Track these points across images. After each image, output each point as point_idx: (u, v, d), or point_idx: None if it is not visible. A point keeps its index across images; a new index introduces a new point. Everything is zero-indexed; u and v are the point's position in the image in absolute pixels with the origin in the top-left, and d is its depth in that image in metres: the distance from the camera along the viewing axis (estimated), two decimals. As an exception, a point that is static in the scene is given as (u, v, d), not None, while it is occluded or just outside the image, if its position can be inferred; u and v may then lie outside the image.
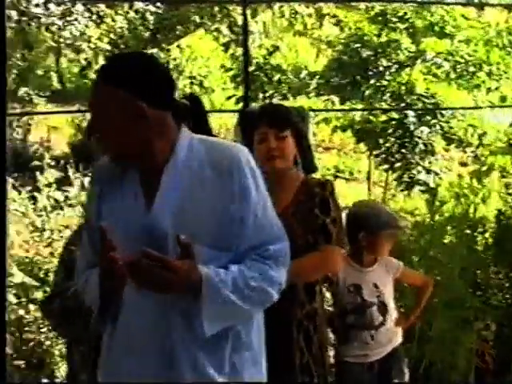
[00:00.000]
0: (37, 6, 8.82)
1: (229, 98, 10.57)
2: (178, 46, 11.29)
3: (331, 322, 3.99)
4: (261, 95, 10.53)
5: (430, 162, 9.98)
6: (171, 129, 2.53)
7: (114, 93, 2.41)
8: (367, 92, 9.78)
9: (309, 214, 3.35)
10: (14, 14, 8.97)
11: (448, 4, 11.42)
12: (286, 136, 3.42)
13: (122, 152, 2.51)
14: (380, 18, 9.92)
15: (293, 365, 3.45)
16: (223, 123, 12.27)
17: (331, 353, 4.09)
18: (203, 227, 2.43)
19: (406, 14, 10.92)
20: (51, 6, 8.89)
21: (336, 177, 12.65)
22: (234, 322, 2.51)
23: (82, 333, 3.02)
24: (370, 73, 9.90)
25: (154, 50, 10.98)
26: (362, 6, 9.66)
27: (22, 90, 12.92)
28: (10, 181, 6.69)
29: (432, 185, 9.44)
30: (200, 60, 13.19)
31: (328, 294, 4.16)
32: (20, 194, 6.69)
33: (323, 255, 3.34)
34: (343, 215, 3.67)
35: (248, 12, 6.05)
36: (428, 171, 9.75)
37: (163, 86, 2.54)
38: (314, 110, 8.58)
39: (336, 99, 9.80)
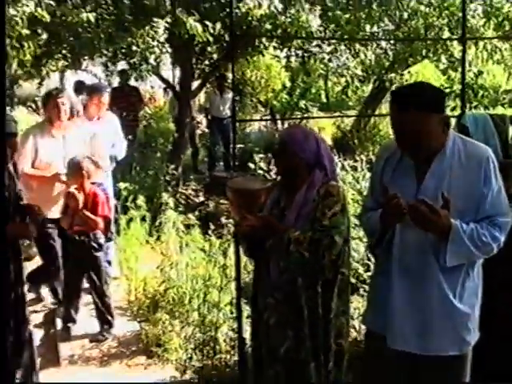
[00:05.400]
0: (316, 46, 8.99)
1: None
2: (409, 72, 11.07)
3: None
4: (468, 105, 10.18)
5: None
6: (446, 131, 2.66)
7: (425, 116, 2.54)
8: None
9: None
10: (299, 52, 9.20)
11: None
12: None
13: (418, 155, 2.67)
14: None
15: None
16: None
17: None
18: (457, 198, 2.57)
19: None
20: (324, 46, 9.02)
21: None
22: (466, 261, 2.65)
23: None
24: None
25: (392, 75, 10.86)
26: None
27: (301, 103, 13.22)
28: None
29: None
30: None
31: None
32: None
33: None
34: None
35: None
36: None
37: (442, 100, 2.68)
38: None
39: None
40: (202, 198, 9.42)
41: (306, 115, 12.85)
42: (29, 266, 6.48)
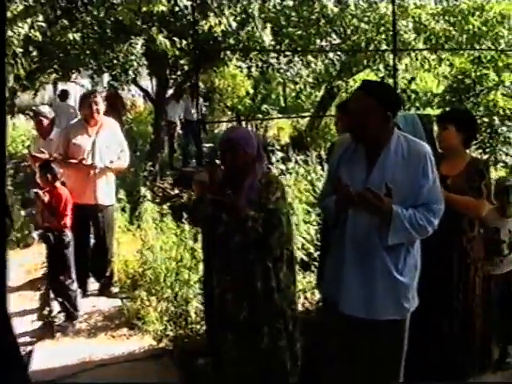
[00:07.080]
0: (274, 58, 8.95)
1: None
2: (353, 79, 11.17)
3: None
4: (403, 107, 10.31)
5: None
6: (391, 128, 2.71)
7: (374, 105, 2.61)
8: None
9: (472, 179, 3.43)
10: (260, 63, 9.13)
11: None
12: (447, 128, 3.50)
13: (365, 138, 2.70)
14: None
15: (451, 272, 3.46)
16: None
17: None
18: (399, 187, 2.62)
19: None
20: (281, 58, 9.01)
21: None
22: (405, 241, 2.69)
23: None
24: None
25: (339, 82, 10.92)
26: (466, 54, 8.90)
27: (263, 107, 13.24)
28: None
29: None
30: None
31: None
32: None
33: (475, 202, 3.39)
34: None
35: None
36: None
37: (399, 104, 2.79)
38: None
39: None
40: (177, 191, 9.39)
41: (267, 117, 12.90)
42: (28, 253, 6.47)
